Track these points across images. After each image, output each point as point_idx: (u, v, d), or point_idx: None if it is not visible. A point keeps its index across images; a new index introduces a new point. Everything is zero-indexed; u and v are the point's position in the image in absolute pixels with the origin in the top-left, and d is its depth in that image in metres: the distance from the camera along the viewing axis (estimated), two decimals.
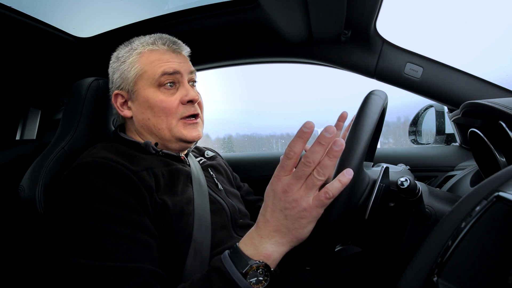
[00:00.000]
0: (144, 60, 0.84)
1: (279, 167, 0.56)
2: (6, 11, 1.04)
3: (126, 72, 0.85)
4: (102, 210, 0.65)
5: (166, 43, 0.87)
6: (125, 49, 0.88)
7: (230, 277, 0.56)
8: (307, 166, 0.54)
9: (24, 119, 1.60)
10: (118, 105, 0.88)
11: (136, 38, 0.90)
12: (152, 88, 0.83)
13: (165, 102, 0.82)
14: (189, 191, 0.82)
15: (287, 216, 0.56)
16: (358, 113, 0.63)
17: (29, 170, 0.89)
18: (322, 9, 1.00)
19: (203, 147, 1.13)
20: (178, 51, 0.88)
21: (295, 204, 0.55)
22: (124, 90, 0.86)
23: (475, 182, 0.97)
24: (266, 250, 0.58)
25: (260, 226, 0.59)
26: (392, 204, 0.69)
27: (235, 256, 0.59)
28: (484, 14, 2.10)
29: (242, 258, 0.58)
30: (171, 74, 0.84)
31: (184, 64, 0.87)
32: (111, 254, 0.62)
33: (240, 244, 0.60)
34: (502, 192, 0.39)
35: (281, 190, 0.55)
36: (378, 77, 1.26)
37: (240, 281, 0.56)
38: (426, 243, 0.43)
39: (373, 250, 0.78)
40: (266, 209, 0.58)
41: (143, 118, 0.84)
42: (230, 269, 0.57)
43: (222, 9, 1.19)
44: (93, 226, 0.64)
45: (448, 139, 1.49)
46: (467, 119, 0.94)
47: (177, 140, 0.85)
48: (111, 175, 0.68)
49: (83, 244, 0.63)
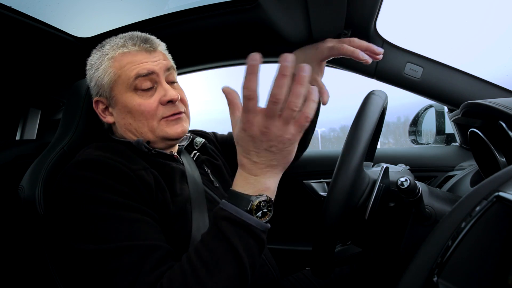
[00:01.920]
0: (117, 64, 0.81)
1: (244, 112, 0.55)
2: (6, 11, 1.04)
3: (100, 79, 0.82)
4: (108, 198, 0.65)
5: (136, 43, 0.82)
6: (97, 54, 0.85)
7: (239, 218, 0.57)
8: (276, 103, 0.53)
9: (24, 119, 1.60)
10: (100, 112, 0.86)
11: (107, 41, 0.86)
12: (128, 92, 0.80)
13: (143, 105, 0.80)
14: (186, 189, 0.82)
15: (274, 152, 0.57)
16: (358, 113, 0.63)
17: (29, 170, 0.89)
18: (322, 9, 1.00)
19: (191, 133, 1.06)
20: (151, 49, 0.83)
21: (279, 139, 0.56)
22: (103, 97, 0.84)
23: (475, 182, 0.97)
24: (265, 184, 0.60)
25: (249, 168, 0.60)
26: (392, 204, 0.69)
27: (235, 199, 0.60)
28: (484, 14, 2.11)
29: (243, 198, 0.59)
30: (146, 75, 0.80)
31: (159, 62, 0.82)
32: (126, 236, 0.62)
33: (235, 187, 0.62)
34: (502, 192, 0.39)
35: (259, 133, 0.55)
36: (378, 77, 1.26)
37: (249, 219, 0.58)
38: (426, 243, 0.43)
39: (373, 250, 0.78)
40: (249, 153, 0.59)
41: (124, 123, 0.83)
42: (236, 212, 0.58)
43: (222, 9, 1.19)
44: (103, 213, 0.64)
45: (448, 139, 1.49)
46: (467, 119, 0.94)
47: (161, 139, 0.83)
48: (109, 171, 0.68)
49: (96, 231, 0.62)
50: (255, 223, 0.58)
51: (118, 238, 0.62)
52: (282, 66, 0.52)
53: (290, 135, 0.56)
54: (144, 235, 0.63)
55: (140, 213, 0.67)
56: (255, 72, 0.52)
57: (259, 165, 0.59)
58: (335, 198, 0.60)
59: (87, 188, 0.66)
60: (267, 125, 0.55)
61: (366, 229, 0.71)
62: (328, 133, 6.34)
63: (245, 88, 0.53)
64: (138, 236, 0.63)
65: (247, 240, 0.58)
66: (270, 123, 0.54)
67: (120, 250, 0.60)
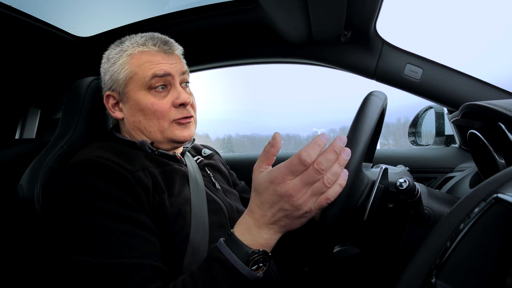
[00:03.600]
0: (135, 62, 0.82)
1: (287, 170, 0.54)
2: (6, 10, 1.04)
3: (116, 74, 0.83)
4: (100, 208, 0.65)
5: (157, 44, 0.84)
6: (115, 49, 0.86)
7: (233, 266, 0.57)
8: (319, 173, 0.53)
9: (23, 118, 1.60)
10: (110, 106, 0.87)
11: (127, 38, 0.87)
12: (142, 90, 0.82)
13: (156, 105, 0.81)
14: (186, 191, 0.82)
15: (288, 216, 0.57)
16: (357, 114, 0.63)
17: (28, 169, 0.89)
18: (322, 10, 1.00)
19: (201, 145, 1.12)
20: (169, 52, 0.85)
21: (298, 208, 0.55)
22: (115, 92, 0.85)
23: (474, 184, 0.97)
24: (265, 239, 0.59)
25: (257, 218, 0.59)
26: (391, 205, 0.69)
27: (234, 245, 0.59)
28: (484, 15, 2.11)
29: (242, 247, 0.58)
30: (162, 76, 0.81)
31: (175, 65, 0.84)
32: (112, 250, 0.62)
33: (236, 233, 0.60)
34: (501, 193, 0.39)
35: (285, 194, 0.55)
36: (378, 78, 1.26)
37: (242, 269, 0.57)
38: (424, 244, 0.43)
39: (371, 251, 0.78)
40: (264, 205, 0.58)
41: (134, 120, 0.83)
42: (231, 259, 0.57)
43: (222, 9, 1.19)
44: (93, 223, 0.63)
45: (447, 140, 1.49)
46: (467, 120, 0.94)
47: (168, 141, 0.84)
48: (106, 173, 0.68)
49: (83, 242, 0.62)
50: (248, 274, 0.57)
51: (104, 253, 0.61)
52: (335, 143, 0.54)
53: (308, 208, 0.55)
54: (131, 252, 0.63)
55: (132, 224, 0.66)
56: (321, 146, 0.54)
57: (267, 219, 0.58)
58: (334, 199, 0.60)
59: (81, 194, 0.65)
60: (297, 189, 0.54)
61: (365, 230, 0.71)
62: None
63: (306, 152, 0.53)
64: (125, 253, 0.62)
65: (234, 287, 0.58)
66: (300, 189, 0.54)
67: (105, 266, 0.60)
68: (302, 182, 0.54)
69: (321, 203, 0.55)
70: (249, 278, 0.58)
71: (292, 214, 0.56)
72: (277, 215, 0.57)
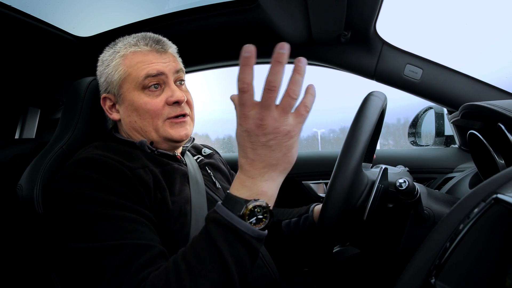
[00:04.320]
0: (128, 62, 0.83)
1: (239, 105, 0.52)
2: (6, 10, 1.04)
3: (110, 76, 0.84)
4: (104, 198, 0.65)
5: (148, 44, 0.84)
6: (109, 51, 0.87)
7: (229, 222, 0.55)
8: (272, 91, 0.51)
9: (23, 118, 1.60)
10: (107, 108, 0.88)
11: (120, 40, 0.88)
12: (136, 90, 0.82)
13: (149, 104, 0.81)
14: (186, 190, 0.82)
15: (272, 147, 0.54)
16: (357, 114, 0.63)
17: (28, 169, 0.89)
18: (322, 10, 1.00)
19: (201, 145, 1.12)
20: (162, 51, 0.85)
21: (277, 132, 0.53)
22: (111, 93, 0.86)
23: (474, 184, 0.97)
24: (261, 188, 0.56)
25: (246, 168, 0.57)
26: (390, 206, 0.69)
27: (229, 202, 0.57)
28: (484, 16, 2.12)
29: (237, 201, 0.56)
30: (155, 76, 0.81)
31: (169, 64, 0.84)
32: (118, 234, 0.62)
33: (231, 190, 0.58)
34: (501, 194, 0.39)
35: (255, 127, 0.52)
36: (378, 79, 1.26)
37: (239, 223, 0.54)
38: (424, 244, 0.43)
39: (371, 252, 0.78)
40: (246, 151, 0.55)
41: (130, 121, 0.84)
42: (226, 215, 0.55)
43: (222, 9, 1.19)
44: (98, 212, 0.63)
45: (447, 141, 1.49)
46: (466, 121, 0.94)
47: (164, 140, 0.84)
48: (107, 170, 0.68)
49: (88, 230, 0.62)
50: (246, 229, 0.54)
51: (110, 236, 0.61)
52: (277, 53, 0.50)
53: (289, 126, 0.53)
54: (137, 234, 0.63)
55: (135, 213, 0.66)
56: (249, 64, 0.51)
57: (256, 164, 0.55)
58: (333, 199, 0.59)
59: (84, 187, 0.66)
60: (263, 116, 0.52)
61: (365, 230, 0.71)
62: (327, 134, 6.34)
63: (239, 81, 0.51)
64: (130, 234, 0.62)
65: (235, 246, 0.55)
66: (266, 114, 0.52)
67: (111, 248, 0.60)
68: (263, 108, 0.51)
69: (300, 112, 0.53)
70: (249, 234, 0.55)
71: (276, 142, 0.53)
72: (262, 152, 0.54)
